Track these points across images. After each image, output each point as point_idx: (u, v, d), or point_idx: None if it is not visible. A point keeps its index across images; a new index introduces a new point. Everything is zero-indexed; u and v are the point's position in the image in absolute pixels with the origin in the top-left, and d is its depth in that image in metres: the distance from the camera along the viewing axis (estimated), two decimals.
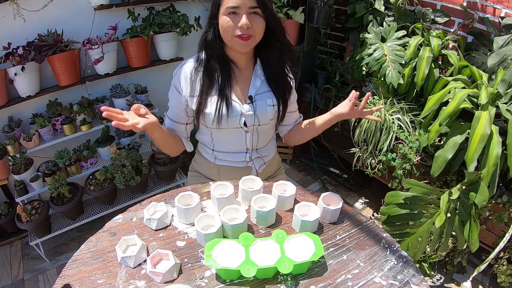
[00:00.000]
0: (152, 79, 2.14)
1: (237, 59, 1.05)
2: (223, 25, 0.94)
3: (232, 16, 0.93)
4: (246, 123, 1.07)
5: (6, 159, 1.69)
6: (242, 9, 0.91)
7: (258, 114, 1.07)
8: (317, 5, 2.00)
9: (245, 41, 0.94)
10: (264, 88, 1.09)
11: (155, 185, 2.21)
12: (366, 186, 2.46)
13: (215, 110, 1.02)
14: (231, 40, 0.96)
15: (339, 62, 2.31)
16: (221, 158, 1.17)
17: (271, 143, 1.25)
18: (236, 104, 1.05)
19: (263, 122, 1.09)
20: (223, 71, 1.03)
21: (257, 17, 0.94)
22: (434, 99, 1.38)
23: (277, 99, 1.09)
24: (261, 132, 1.13)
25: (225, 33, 0.96)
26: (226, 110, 1.02)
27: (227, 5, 0.92)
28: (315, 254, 0.71)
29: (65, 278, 0.69)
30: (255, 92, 1.07)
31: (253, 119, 1.07)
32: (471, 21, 1.75)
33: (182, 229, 0.82)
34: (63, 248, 1.98)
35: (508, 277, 1.57)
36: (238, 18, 0.92)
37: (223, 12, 0.94)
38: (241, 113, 1.05)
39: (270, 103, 1.08)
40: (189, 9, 2.02)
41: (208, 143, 1.17)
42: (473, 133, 1.21)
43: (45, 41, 1.58)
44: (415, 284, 0.72)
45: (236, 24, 0.92)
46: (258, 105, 1.07)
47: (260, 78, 1.08)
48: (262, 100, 1.08)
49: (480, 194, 1.15)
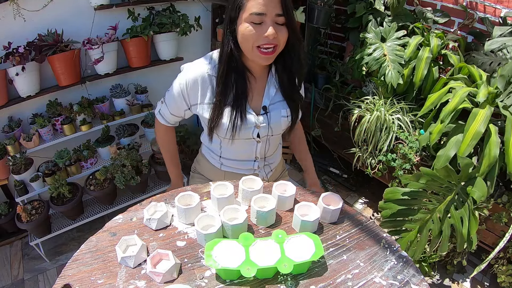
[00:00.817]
0: (152, 79, 2.14)
1: (254, 68, 0.98)
2: (245, 34, 0.86)
3: (255, 24, 0.84)
4: (259, 135, 1.03)
5: (6, 159, 1.69)
6: (268, 16, 0.83)
7: (272, 126, 1.03)
8: (317, 5, 2.00)
9: (269, 55, 0.87)
10: (278, 98, 1.04)
11: (155, 185, 2.21)
12: (366, 186, 2.46)
13: (230, 122, 0.96)
14: (251, 52, 0.88)
15: (339, 62, 2.31)
16: (228, 165, 1.13)
17: (278, 149, 1.23)
18: (251, 116, 0.99)
19: (276, 133, 1.06)
20: (239, 80, 0.96)
21: (281, 27, 0.86)
22: (433, 98, 1.38)
23: (290, 109, 1.04)
24: (272, 141, 1.10)
25: (246, 42, 0.87)
26: (240, 122, 0.97)
27: (251, 11, 0.83)
28: (315, 254, 0.71)
29: (65, 278, 0.69)
30: (269, 102, 1.02)
31: (266, 130, 1.03)
32: (471, 21, 1.75)
33: (182, 229, 0.82)
34: (63, 248, 1.98)
35: (508, 277, 1.57)
36: (263, 27, 0.84)
37: (245, 18, 0.85)
38: (255, 124, 1.00)
39: (284, 114, 1.03)
40: (189, 9, 2.02)
41: (216, 150, 1.13)
42: (467, 129, 1.22)
43: (45, 41, 1.58)
44: (415, 284, 0.72)
45: (260, 33, 0.84)
46: (272, 116, 1.02)
47: (274, 87, 1.03)
48: (276, 110, 1.03)
49: (479, 190, 1.15)
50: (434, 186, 1.25)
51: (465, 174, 1.18)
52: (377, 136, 1.74)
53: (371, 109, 1.79)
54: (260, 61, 0.90)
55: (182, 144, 2.27)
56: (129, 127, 2.09)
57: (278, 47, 0.88)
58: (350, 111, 1.93)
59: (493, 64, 1.52)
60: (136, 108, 1.97)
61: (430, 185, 1.25)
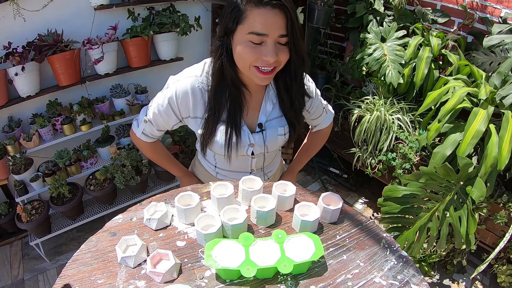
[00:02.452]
0: (152, 79, 2.14)
1: (249, 82, 0.90)
2: (241, 53, 0.77)
3: (255, 44, 0.76)
4: (254, 152, 0.99)
5: (6, 159, 1.68)
6: (270, 37, 0.74)
7: (268, 144, 0.97)
8: (317, 5, 2.00)
9: (267, 75, 0.80)
10: (276, 113, 0.96)
11: (155, 185, 2.21)
12: (366, 186, 2.46)
13: (225, 140, 0.91)
14: (248, 70, 0.80)
15: (339, 62, 2.31)
16: (224, 174, 1.11)
17: (276, 158, 1.18)
18: (246, 134, 0.94)
19: (272, 150, 1.02)
20: (233, 96, 0.88)
21: (283, 47, 0.78)
22: (433, 96, 1.38)
23: (289, 125, 0.97)
24: (268, 155, 1.07)
25: (243, 61, 0.79)
26: (236, 140, 0.92)
27: (251, 29, 0.74)
28: (315, 254, 0.71)
29: (65, 278, 0.69)
30: (266, 119, 0.95)
31: (262, 148, 0.98)
32: (471, 21, 1.75)
33: (182, 229, 0.82)
34: (63, 248, 1.98)
35: (508, 277, 1.57)
36: (263, 48, 0.76)
37: (243, 35, 0.76)
38: (249, 143, 0.96)
39: (282, 132, 0.97)
40: (189, 9, 2.02)
41: (211, 160, 1.10)
42: (468, 128, 1.22)
43: (45, 41, 1.58)
44: (415, 284, 0.72)
45: (259, 55, 0.76)
46: (268, 134, 0.96)
47: (271, 102, 0.95)
48: (272, 128, 0.96)
49: (478, 190, 1.15)
50: (433, 186, 1.25)
51: (464, 173, 1.18)
52: (377, 136, 1.74)
53: (371, 109, 1.80)
54: (257, 81, 0.82)
55: (182, 144, 2.27)
56: (129, 127, 2.09)
57: (278, 67, 0.81)
58: (350, 111, 1.93)
59: (493, 64, 1.52)
60: (136, 108, 1.97)
61: (429, 184, 1.25)
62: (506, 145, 1.16)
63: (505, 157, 1.16)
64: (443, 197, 1.26)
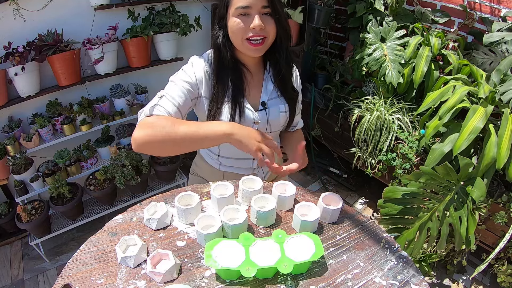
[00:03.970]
0: (152, 79, 2.14)
1: (248, 62, 1.00)
2: (233, 28, 0.88)
3: (242, 17, 0.87)
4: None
5: (6, 159, 1.69)
6: (254, 9, 0.86)
7: (271, 121, 1.02)
8: (317, 5, 2.00)
9: (258, 46, 0.89)
10: (275, 93, 1.04)
11: (155, 185, 2.21)
12: (366, 186, 2.46)
13: (229, 119, 0.95)
14: (241, 45, 0.90)
15: (339, 62, 2.31)
16: (227, 164, 1.12)
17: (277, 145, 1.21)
18: (249, 112, 0.99)
19: (275, 129, 1.06)
20: (235, 76, 0.96)
21: (268, 18, 0.88)
22: (433, 96, 1.38)
23: (288, 104, 1.04)
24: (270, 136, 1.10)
25: (235, 36, 0.89)
26: (239, 118, 0.96)
27: (237, 5, 0.86)
28: (315, 254, 0.71)
29: (65, 278, 0.69)
30: (268, 98, 1.02)
31: (265, 126, 1.02)
32: (471, 21, 1.75)
33: (182, 229, 0.82)
34: (63, 248, 1.98)
35: (508, 277, 1.57)
36: (250, 20, 0.86)
37: (232, 13, 0.88)
38: (254, 121, 1.00)
39: (283, 109, 1.03)
40: (189, 9, 2.02)
41: (214, 149, 1.11)
42: (466, 124, 1.21)
43: (45, 41, 1.58)
44: (415, 284, 0.72)
45: (248, 26, 0.87)
46: (271, 111, 1.02)
47: (272, 82, 1.03)
48: (274, 106, 1.03)
49: (478, 190, 1.15)
50: (433, 185, 1.25)
51: (464, 173, 1.18)
52: (377, 136, 1.74)
53: (371, 109, 1.80)
54: (250, 53, 0.92)
55: None
56: (129, 127, 2.09)
57: (267, 38, 0.89)
58: (350, 111, 1.93)
59: (493, 63, 1.52)
60: (136, 108, 1.97)
61: (429, 184, 1.25)
62: (505, 143, 1.16)
63: (503, 156, 1.16)
64: (443, 197, 1.26)
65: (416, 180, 1.26)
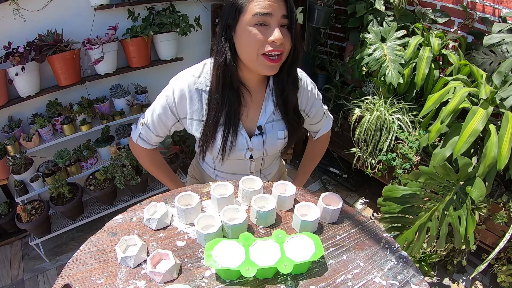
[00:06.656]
0: (152, 79, 2.14)
1: (249, 81, 0.88)
2: (249, 39, 0.75)
3: (260, 27, 0.74)
4: (253, 156, 0.97)
5: (6, 159, 1.69)
6: (274, 17, 0.74)
7: (267, 148, 0.95)
8: (317, 5, 2.00)
9: (275, 63, 0.77)
10: (276, 116, 0.94)
11: (155, 185, 2.21)
12: (366, 186, 2.46)
13: (221, 143, 0.90)
14: (255, 60, 0.78)
15: (339, 62, 2.31)
16: (223, 177, 1.09)
17: (276, 160, 1.17)
18: (243, 139, 0.92)
19: (271, 153, 1.00)
20: (232, 96, 0.85)
21: (285, 31, 0.77)
22: (434, 98, 1.38)
23: (288, 129, 0.96)
24: (267, 158, 1.05)
25: (250, 49, 0.77)
26: (231, 144, 0.90)
27: (254, 11, 0.73)
28: (315, 254, 0.71)
29: (65, 278, 0.69)
30: (266, 121, 0.93)
31: (261, 152, 0.96)
32: (471, 21, 1.75)
33: (182, 229, 0.82)
34: (63, 248, 1.98)
35: (508, 277, 1.57)
36: (268, 31, 0.75)
37: (247, 21, 0.75)
38: (247, 147, 0.94)
39: (281, 135, 0.95)
40: (189, 9, 2.02)
41: (210, 163, 1.09)
42: (465, 126, 1.22)
43: (45, 41, 1.58)
44: (415, 284, 0.72)
45: (265, 37, 0.75)
46: (268, 138, 0.94)
47: (273, 102, 0.92)
48: (272, 131, 0.94)
49: (477, 190, 1.15)
50: (433, 185, 1.25)
51: (464, 173, 1.18)
52: (377, 136, 1.74)
53: (371, 109, 1.80)
54: (264, 71, 0.80)
55: (182, 144, 2.27)
56: (129, 127, 2.09)
57: (283, 55, 0.79)
58: (350, 111, 1.93)
59: (493, 63, 1.52)
60: (136, 108, 1.97)
61: (429, 184, 1.25)
62: (506, 144, 1.16)
63: (504, 157, 1.16)
64: (442, 196, 1.26)
65: (416, 180, 1.26)
